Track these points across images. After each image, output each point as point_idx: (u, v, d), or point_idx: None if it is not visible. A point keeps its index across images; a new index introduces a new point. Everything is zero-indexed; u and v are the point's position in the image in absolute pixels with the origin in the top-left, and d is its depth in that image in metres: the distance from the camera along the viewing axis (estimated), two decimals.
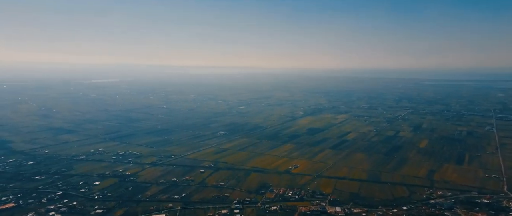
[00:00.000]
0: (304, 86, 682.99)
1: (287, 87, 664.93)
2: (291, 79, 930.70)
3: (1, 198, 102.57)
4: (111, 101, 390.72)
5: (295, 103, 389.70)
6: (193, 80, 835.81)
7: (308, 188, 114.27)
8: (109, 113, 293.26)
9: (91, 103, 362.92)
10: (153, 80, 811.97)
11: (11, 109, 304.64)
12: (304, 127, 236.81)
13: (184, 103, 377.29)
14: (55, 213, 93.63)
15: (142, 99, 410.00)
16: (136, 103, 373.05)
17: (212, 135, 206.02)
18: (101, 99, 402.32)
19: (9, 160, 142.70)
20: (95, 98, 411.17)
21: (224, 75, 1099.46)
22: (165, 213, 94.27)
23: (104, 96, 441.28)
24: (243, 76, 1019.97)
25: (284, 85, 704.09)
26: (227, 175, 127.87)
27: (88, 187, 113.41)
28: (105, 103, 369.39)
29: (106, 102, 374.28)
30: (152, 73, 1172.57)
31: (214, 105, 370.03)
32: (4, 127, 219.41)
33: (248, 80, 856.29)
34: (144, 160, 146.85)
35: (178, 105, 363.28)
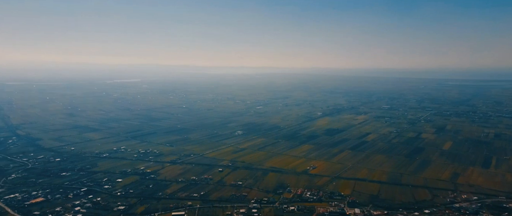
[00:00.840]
0: (323, 86, 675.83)
1: (305, 87, 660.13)
2: (309, 79, 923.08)
3: (32, 192, 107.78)
4: (132, 100, 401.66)
5: (314, 104, 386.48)
6: (212, 80, 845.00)
7: (326, 189, 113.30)
8: (130, 112, 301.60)
9: (113, 102, 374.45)
10: (173, 80, 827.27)
11: (40, 108, 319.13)
12: (322, 127, 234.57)
13: (202, 103, 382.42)
14: (81, 208, 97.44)
15: (162, 99, 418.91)
16: (156, 102, 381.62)
17: (230, 134, 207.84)
18: (123, 99, 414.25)
19: (39, 157, 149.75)
20: (118, 98, 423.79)
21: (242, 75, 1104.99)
22: (185, 210, 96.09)
23: (126, 95, 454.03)
24: (261, 76, 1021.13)
25: (303, 85, 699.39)
26: (244, 174, 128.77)
27: (111, 183, 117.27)
28: (127, 102, 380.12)
29: (128, 102, 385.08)
30: (172, 74, 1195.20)
31: (232, 105, 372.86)
32: (33, 125, 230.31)
33: (266, 80, 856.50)
34: (164, 159, 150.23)
35: (197, 104, 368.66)
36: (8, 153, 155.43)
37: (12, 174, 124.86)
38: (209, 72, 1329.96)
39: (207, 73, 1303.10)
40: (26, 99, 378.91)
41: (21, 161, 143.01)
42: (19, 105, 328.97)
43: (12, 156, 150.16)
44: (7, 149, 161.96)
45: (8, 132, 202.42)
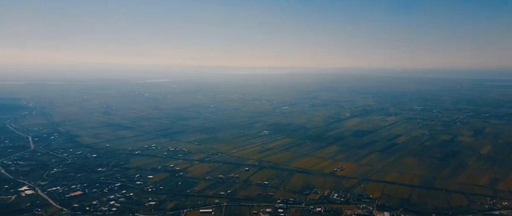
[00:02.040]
0: (351, 87, 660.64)
1: (333, 87, 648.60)
2: (338, 79, 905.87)
3: (71, 186, 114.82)
4: (163, 100, 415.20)
5: (342, 104, 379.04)
6: (238, 81, 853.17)
7: (354, 191, 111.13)
8: (161, 111, 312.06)
9: (145, 102, 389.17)
10: (201, 80, 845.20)
11: (78, 106, 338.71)
12: (350, 129, 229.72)
13: (229, 103, 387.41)
14: (115, 202, 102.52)
15: (191, 98, 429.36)
16: (185, 102, 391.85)
17: (256, 134, 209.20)
18: (154, 98, 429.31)
19: (77, 153, 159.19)
20: (149, 97, 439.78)
21: (268, 75, 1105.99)
22: (212, 208, 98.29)
23: (157, 95, 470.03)
24: (287, 76, 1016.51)
25: (330, 86, 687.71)
26: (270, 174, 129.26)
27: (143, 180, 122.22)
28: (158, 101, 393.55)
29: (158, 101, 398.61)
30: (201, 74, 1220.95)
31: (258, 105, 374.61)
32: (72, 122, 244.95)
33: (292, 81, 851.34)
34: (192, 157, 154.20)
35: (224, 104, 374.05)
36: (50, 148, 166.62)
37: (54, 168, 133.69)
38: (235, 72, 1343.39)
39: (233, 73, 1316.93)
40: (66, 98, 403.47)
41: (62, 156, 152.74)
42: (60, 104, 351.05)
43: (53, 151, 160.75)
44: (49, 145, 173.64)
45: (50, 129, 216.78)
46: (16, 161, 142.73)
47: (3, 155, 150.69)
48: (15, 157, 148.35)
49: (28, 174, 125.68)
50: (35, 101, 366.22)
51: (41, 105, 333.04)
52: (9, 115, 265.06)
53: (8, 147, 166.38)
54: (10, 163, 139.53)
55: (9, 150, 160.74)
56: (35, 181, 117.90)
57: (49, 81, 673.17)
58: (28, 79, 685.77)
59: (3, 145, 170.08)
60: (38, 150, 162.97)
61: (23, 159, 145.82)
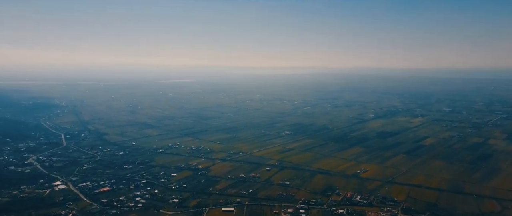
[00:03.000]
0: (375, 87, 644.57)
1: (356, 87, 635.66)
2: (361, 79, 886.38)
3: (100, 182, 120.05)
4: (186, 99, 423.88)
5: (365, 105, 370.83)
6: (260, 81, 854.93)
7: (378, 194, 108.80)
8: (184, 111, 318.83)
9: (169, 101, 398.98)
10: (223, 81, 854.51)
11: (106, 105, 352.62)
12: (374, 130, 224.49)
13: (251, 103, 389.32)
14: (141, 198, 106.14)
15: (213, 98, 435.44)
16: (208, 102, 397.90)
17: (277, 134, 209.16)
18: (177, 98, 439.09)
19: (105, 150, 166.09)
20: (173, 97, 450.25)
21: (290, 75, 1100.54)
22: (234, 207, 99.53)
23: (180, 95, 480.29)
24: (309, 76, 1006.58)
25: (354, 86, 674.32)
26: (292, 174, 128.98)
27: (167, 177, 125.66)
28: (181, 101, 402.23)
29: (181, 101, 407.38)
30: (222, 74, 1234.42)
31: (279, 105, 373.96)
32: (101, 121, 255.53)
33: (315, 81, 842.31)
34: (214, 156, 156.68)
35: (246, 104, 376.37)
36: (81, 145, 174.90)
37: (84, 165, 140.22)
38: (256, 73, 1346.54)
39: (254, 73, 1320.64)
40: (95, 97, 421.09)
41: (91, 153, 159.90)
42: (89, 103, 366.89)
43: (84, 148, 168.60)
44: (80, 142, 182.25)
45: (81, 127, 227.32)
46: (50, 157, 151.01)
47: (39, 151, 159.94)
48: (49, 153, 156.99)
49: (61, 170, 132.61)
50: (67, 100, 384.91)
51: (73, 104, 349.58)
52: (44, 113, 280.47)
53: (43, 143, 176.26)
54: (45, 158, 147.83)
55: (44, 146, 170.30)
56: (67, 177, 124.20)
57: (80, 81, 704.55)
58: (61, 79, 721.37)
59: (39, 141, 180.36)
60: (70, 147, 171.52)
61: (56, 155, 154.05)
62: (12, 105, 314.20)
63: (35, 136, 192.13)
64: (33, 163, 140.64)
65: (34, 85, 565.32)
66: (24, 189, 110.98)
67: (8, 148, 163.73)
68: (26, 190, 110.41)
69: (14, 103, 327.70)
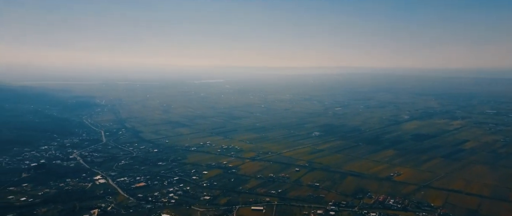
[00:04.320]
0: (410, 88, 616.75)
1: (390, 88, 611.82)
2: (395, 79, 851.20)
3: (136, 177, 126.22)
4: (216, 99, 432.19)
5: (400, 106, 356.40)
6: (289, 81, 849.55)
7: (412, 198, 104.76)
8: (215, 110, 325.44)
9: (201, 101, 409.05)
10: (253, 81, 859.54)
11: (142, 104, 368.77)
12: (409, 132, 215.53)
13: (280, 103, 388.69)
14: (174, 195, 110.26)
15: (242, 98, 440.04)
16: (237, 101, 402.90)
17: (307, 135, 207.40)
18: (208, 98, 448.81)
19: (141, 147, 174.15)
20: (204, 97, 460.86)
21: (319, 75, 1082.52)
22: (263, 206, 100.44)
23: (211, 95, 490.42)
24: (340, 76, 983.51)
25: (387, 86, 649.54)
26: (322, 176, 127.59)
27: (198, 175, 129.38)
28: (212, 101, 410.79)
29: (212, 100, 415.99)
30: (252, 74, 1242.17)
31: (309, 105, 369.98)
32: (137, 119, 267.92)
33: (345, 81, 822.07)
34: (244, 155, 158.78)
35: (275, 104, 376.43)
36: (119, 142, 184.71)
37: (122, 161, 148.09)
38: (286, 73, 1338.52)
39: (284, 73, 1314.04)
40: (132, 97, 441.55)
41: (128, 150, 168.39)
42: (127, 102, 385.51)
43: (121, 145, 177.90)
44: (118, 139, 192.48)
45: (118, 125, 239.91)
46: (92, 152, 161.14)
47: (81, 147, 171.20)
48: (90, 149, 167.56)
49: (101, 165, 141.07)
50: (107, 99, 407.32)
51: (111, 103, 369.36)
52: (86, 111, 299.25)
53: (85, 140, 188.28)
54: (87, 154, 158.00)
55: (86, 142, 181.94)
56: (107, 172, 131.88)
57: (118, 81, 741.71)
58: (100, 79, 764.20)
59: (82, 138, 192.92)
60: (109, 143, 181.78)
61: (97, 151, 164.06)
62: (58, 104, 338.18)
63: (78, 133, 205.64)
64: (76, 158, 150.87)
65: (76, 85, 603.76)
66: (69, 182, 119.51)
67: (55, 143, 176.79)
68: (71, 183, 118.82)
69: (60, 102, 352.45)
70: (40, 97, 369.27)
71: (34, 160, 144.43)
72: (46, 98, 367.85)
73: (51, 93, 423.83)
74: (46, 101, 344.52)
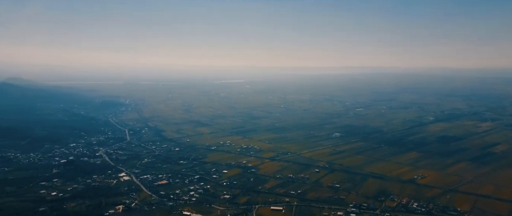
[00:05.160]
0: (437, 88, 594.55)
1: (414, 88, 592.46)
2: (420, 79, 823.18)
3: (158, 175, 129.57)
4: (236, 99, 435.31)
5: (424, 107, 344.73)
6: (310, 81, 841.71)
7: (437, 202, 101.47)
8: (235, 110, 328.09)
9: (221, 101, 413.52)
10: (273, 81, 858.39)
11: (164, 104, 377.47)
12: (434, 134, 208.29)
13: (300, 103, 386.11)
14: (194, 193, 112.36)
15: (262, 99, 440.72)
16: (257, 102, 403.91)
17: (327, 136, 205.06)
18: (228, 98, 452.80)
19: (163, 146, 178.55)
20: (224, 97, 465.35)
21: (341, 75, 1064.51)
22: (283, 206, 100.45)
23: (231, 95, 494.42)
24: (362, 76, 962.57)
25: (411, 87, 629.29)
26: (342, 177, 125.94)
27: (218, 174, 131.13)
28: (232, 101, 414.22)
29: (232, 100, 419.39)
30: (272, 75, 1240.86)
31: (329, 106, 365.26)
32: (159, 118, 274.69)
33: (368, 81, 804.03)
34: (263, 155, 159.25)
35: (294, 105, 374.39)
36: (142, 141, 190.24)
37: (144, 159, 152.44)
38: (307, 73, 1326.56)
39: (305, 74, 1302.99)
40: (154, 96, 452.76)
41: (151, 148, 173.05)
42: (150, 101, 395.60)
43: (144, 143, 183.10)
44: (141, 138, 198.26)
45: (142, 124, 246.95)
46: (116, 150, 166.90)
47: (107, 145, 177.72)
48: (115, 147, 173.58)
49: (125, 162, 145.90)
50: (130, 98, 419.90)
51: (135, 102, 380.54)
52: (111, 111, 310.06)
53: (111, 138, 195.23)
54: (112, 152, 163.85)
55: (111, 140, 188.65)
56: (131, 169, 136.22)
57: (141, 81, 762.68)
58: (124, 79, 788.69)
59: (107, 136, 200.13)
60: (133, 142, 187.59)
61: (121, 149, 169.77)
62: (86, 103, 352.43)
63: (104, 131, 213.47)
64: (102, 155, 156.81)
65: (102, 85, 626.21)
66: (96, 178, 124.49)
67: (83, 141, 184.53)
68: (97, 179, 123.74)
69: (87, 101, 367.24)
70: (69, 97, 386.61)
71: (64, 157, 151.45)
72: (74, 98, 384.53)
73: (78, 93, 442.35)
74: (74, 100, 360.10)
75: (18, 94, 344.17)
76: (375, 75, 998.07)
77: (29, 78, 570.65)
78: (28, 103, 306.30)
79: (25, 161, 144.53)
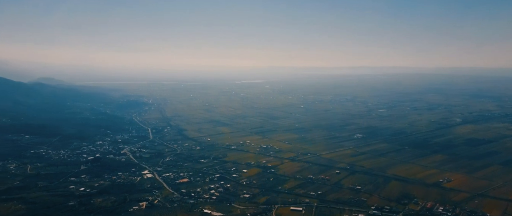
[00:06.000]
0: (465, 89, 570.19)
1: (439, 89, 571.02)
2: (446, 80, 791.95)
3: (180, 173, 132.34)
4: (256, 99, 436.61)
5: (451, 109, 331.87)
6: (331, 81, 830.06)
7: (465, 207, 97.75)
8: (254, 110, 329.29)
9: (241, 101, 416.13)
10: (292, 81, 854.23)
11: (186, 103, 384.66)
12: (462, 136, 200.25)
13: (320, 104, 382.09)
14: (215, 191, 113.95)
15: (282, 99, 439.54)
16: (276, 102, 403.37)
17: (348, 137, 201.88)
18: (248, 98, 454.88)
19: (184, 144, 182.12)
20: (244, 97, 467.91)
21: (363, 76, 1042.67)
22: (302, 207, 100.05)
23: (251, 95, 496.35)
24: (385, 77, 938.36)
25: (436, 87, 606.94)
26: (364, 179, 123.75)
27: (238, 173, 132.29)
28: (251, 101, 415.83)
29: (252, 100, 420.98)
30: (293, 75, 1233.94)
31: (351, 106, 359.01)
32: (181, 118, 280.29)
33: (391, 81, 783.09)
34: (283, 155, 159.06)
35: (315, 105, 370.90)
36: (164, 139, 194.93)
37: (167, 157, 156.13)
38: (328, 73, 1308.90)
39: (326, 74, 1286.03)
40: (176, 96, 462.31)
41: (173, 147, 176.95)
42: (172, 101, 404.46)
43: (167, 142, 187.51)
44: (163, 137, 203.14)
45: (164, 123, 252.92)
46: (140, 148, 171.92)
47: (131, 143, 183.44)
48: (139, 145, 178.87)
49: (148, 160, 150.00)
50: (153, 98, 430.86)
51: (158, 102, 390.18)
52: (135, 110, 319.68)
53: (135, 136, 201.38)
54: (136, 150, 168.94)
55: (135, 139, 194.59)
56: (153, 167, 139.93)
57: (164, 81, 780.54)
58: (148, 80, 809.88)
59: (131, 134, 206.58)
60: (155, 140, 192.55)
61: (144, 147, 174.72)
62: (111, 102, 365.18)
63: (128, 130, 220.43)
64: (127, 153, 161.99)
65: (126, 85, 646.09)
66: (120, 175, 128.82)
67: (108, 139, 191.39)
68: (122, 176, 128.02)
69: (112, 100, 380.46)
70: (96, 96, 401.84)
71: (91, 154, 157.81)
72: (101, 97, 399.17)
73: (105, 92, 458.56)
74: (101, 100, 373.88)
75: (50, 93, 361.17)
76: (399, 76, 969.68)
77: (60, 78, 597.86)
78: (58, 102, 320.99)
79: (56, 157, 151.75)
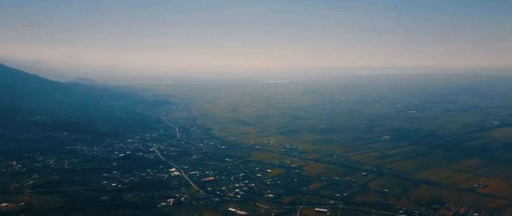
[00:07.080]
0: (504, 90, 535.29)
1: (476, 90, 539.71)
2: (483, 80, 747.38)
3: (206, 172, 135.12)
4: (280, 99, 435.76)
5: (488, 110, 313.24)
6: (358, 81, 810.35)
7: (502, 214, 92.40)
8: (279, 110, 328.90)
9: (265, 101, 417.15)
10: (318, 81, 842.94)
11: (212, 103, 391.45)
12: (499, 140, 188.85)
13: (346, 104, 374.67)
14: (239, 190, 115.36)
15: (306, 99, 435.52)
16: (301, 102, 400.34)
17: (375, 138, 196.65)
18: (273, 98, 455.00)
19: (210, 143, 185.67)
20: (268, 97, 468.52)
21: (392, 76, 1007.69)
22: (327, 208, 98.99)
23: (275, 95, 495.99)
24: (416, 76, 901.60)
25: (472, 88, 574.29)
26: (391, 182, 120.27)
27: (262, 173, 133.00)
28: (276, 101, 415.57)
29: (276, 101, 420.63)
30: (318, 75, 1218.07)
31: (379, 107, 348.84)
32: (207, 117, 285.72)
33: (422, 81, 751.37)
34: (307, 156, 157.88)
35: (341, 106, 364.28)
36: (191, 138, 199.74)
37: (193, 155, 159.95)
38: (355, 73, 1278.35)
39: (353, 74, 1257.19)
40: (202, 96, 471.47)
41: (199, 145, 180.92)
42: (198, 101, 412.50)
43: (193, 141, 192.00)
44: (190, 135, 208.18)
45: (191, 122, 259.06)
46: (168, 147, 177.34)
47: (159, 141, 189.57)
48: (167, 144, 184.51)
49: (175, 158, 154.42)
50: (181, 98, 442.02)
51: (185, 102, 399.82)
52: (163, 109, 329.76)
53: (162, 135, 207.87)
54: (164, 148, 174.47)
55: (162, 137, 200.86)
56: (180, 165, 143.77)
57: (191, 81, 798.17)
58: (175, 80, 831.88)
59: (159, 133, 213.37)
60: (182, 139, 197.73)
61: (172, 146, 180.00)
62: (141, 101, 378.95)
63: (156, 128, 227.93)
64: (155, 151, 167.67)
65: (155, 85, 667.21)
66: (149, 172, 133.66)
67: (138, 137, 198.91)
68: (150, 173, 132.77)
69: (142, 100, 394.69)
70: (126, 95, 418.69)
71: (122, 151, 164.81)
72: (131, 96, 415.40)
73: (135, 92, 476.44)
74: (131, 99, 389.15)
75: (85, 93, 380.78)
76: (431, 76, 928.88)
77: (95, 79, 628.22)
78: (93, 101, 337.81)
79: (90, 153, 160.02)
